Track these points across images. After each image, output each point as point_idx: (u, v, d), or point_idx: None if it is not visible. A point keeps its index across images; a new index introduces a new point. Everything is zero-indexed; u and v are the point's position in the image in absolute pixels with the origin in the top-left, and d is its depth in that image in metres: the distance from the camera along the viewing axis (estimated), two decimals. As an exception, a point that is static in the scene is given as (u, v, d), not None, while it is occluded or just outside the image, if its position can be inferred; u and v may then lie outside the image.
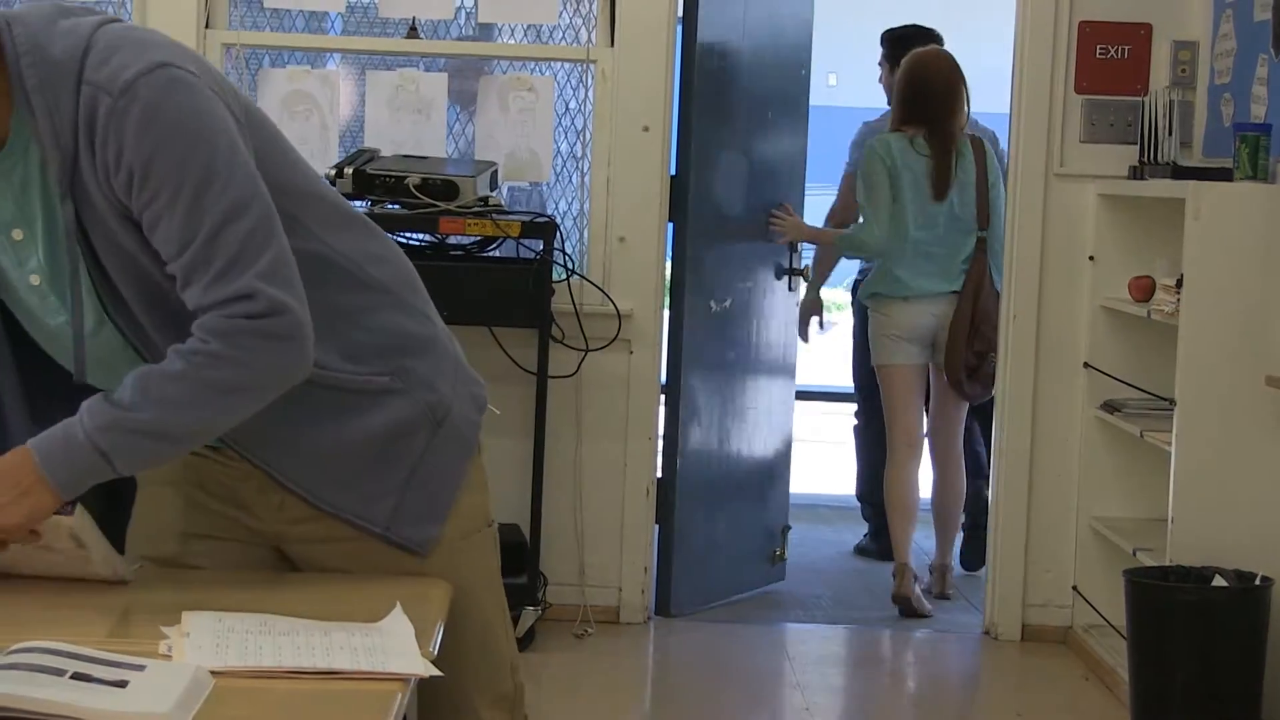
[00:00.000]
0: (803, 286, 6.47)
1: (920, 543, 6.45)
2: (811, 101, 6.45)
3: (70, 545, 2.44)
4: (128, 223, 2.37)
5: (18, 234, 2.45)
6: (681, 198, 5.92)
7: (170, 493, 2.66)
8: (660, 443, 6.04)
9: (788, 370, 6.51)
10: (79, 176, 2.36)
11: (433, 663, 2.25)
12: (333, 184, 5.53)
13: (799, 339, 6.55)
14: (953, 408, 6.35)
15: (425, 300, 2.81)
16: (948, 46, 6.48)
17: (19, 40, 2.35)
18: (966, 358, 6.12)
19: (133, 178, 2.32)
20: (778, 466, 6.48)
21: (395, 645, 2.25)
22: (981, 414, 6.42)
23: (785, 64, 6.28)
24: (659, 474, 6.03)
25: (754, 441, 6.35)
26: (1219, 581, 4.82)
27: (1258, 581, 4.80)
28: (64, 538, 2.42)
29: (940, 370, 6.25)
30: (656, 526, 6.03)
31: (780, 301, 6.38)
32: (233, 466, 2.60)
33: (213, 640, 2.21)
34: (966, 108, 6.22)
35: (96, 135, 2.32)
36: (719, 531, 6.20)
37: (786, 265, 6.37)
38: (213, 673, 2.10)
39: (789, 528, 6.54)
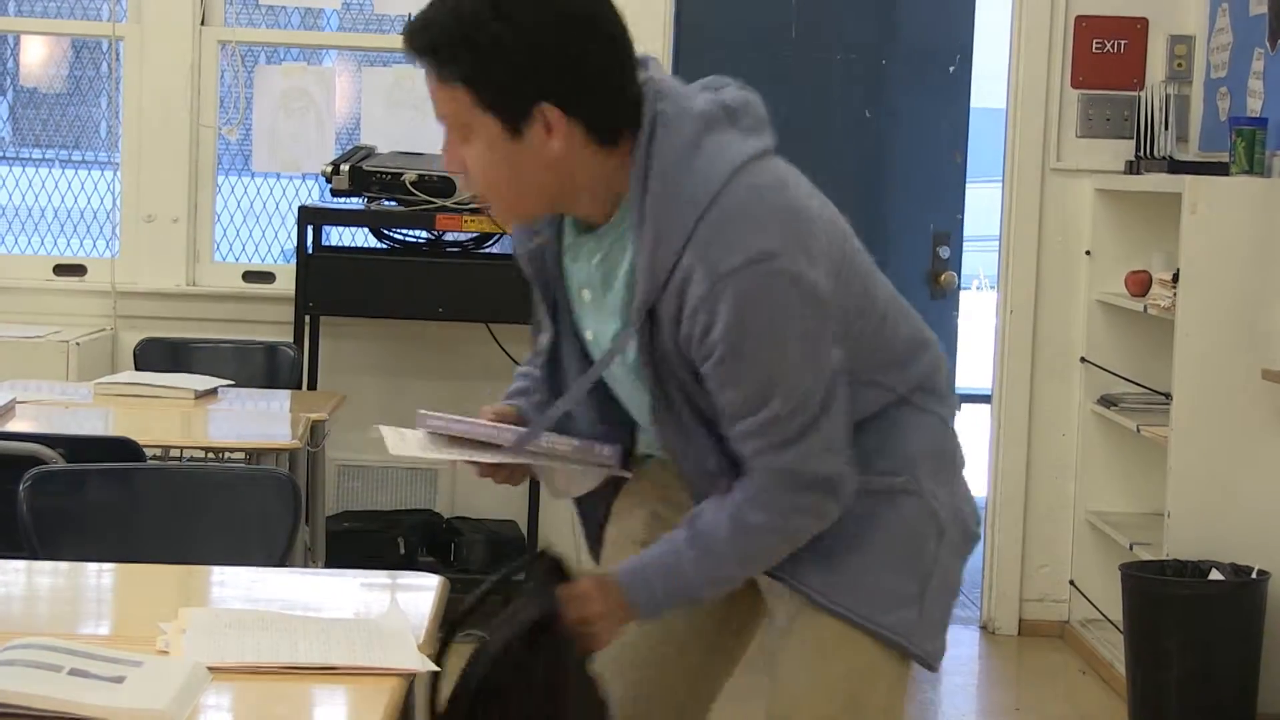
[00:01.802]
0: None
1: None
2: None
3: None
4: (691, 365, 2.38)
5: (586, 295, 2.48)
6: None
7: (641, 511, 2.67)
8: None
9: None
10: (656, 314, 2.35)
11: None
12: (329, 181, 5.55)
13: None
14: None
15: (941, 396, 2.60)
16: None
17: (659, 147, 2.32)
18: None
19: (711, 355, 2.32)
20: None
21: (392, 640, 2.25)
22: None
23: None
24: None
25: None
26: (1215, 575, 4.83)
27: (1254, 575, 4.81)
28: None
29: None
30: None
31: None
32: None
33: (210, 636, 2.21)
34: None
35: (686, 304, 2.30)
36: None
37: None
38: (210, 668, 2.10)
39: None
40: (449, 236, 5.72)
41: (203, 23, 5.94)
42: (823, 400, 2.37)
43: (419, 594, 2.56)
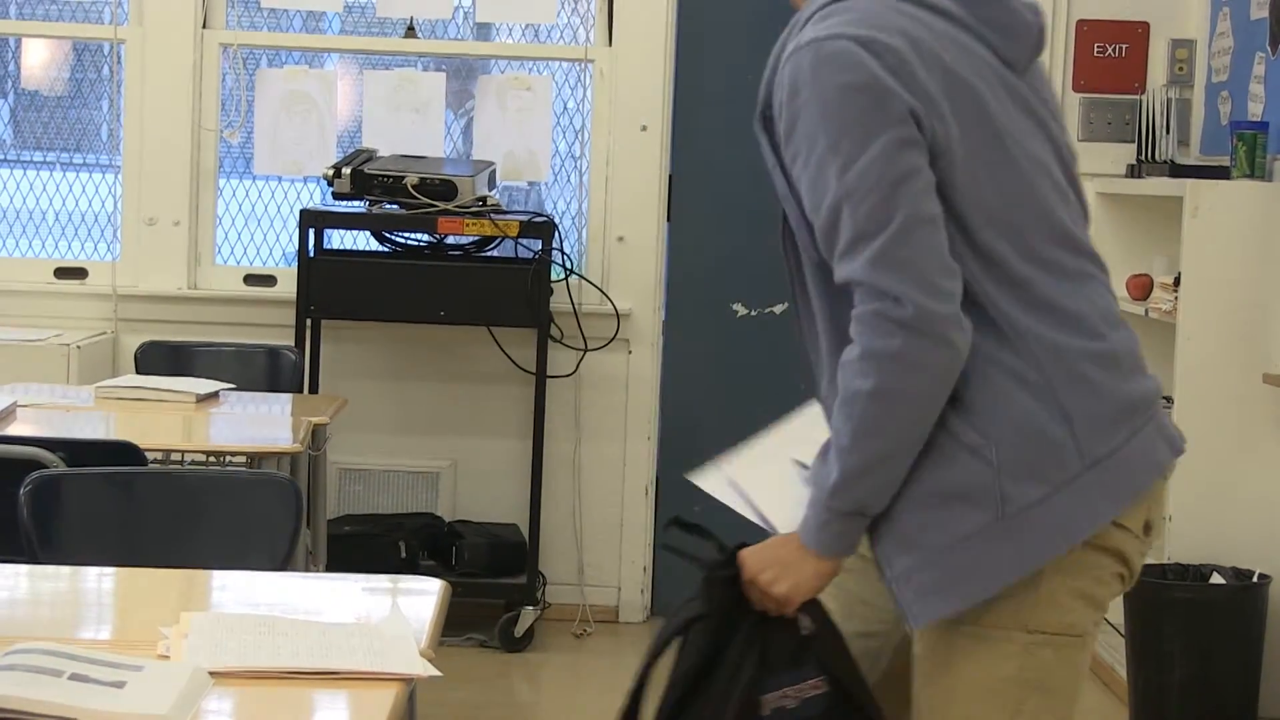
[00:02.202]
0: None
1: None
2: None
3: None
4: (796, 198, 2.42)
5: None
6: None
7: None
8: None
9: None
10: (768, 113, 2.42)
11: None
12: (330, 184, 5.55)
13: None
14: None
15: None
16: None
17: None
18: None
19: (788, 155, 2.39)
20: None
21: (394, 645, 2.25)
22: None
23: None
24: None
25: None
26: (1217, 579, 4.82)
27: (1255, 579, 4.81)
28: None
29: None
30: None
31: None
32: None
33: (211, 641, 2.21)
34: None
35: (776, 76, 2.37)
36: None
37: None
38: (211, 673, 2.10)
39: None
40: (450, 240, 5.72)
41: (204, 25, 5.94)
42: (889, 183, 2.25)
43: (420, 598, 2.56)
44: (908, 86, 2.27)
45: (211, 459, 4.59)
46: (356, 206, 5.63)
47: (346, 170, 5.54)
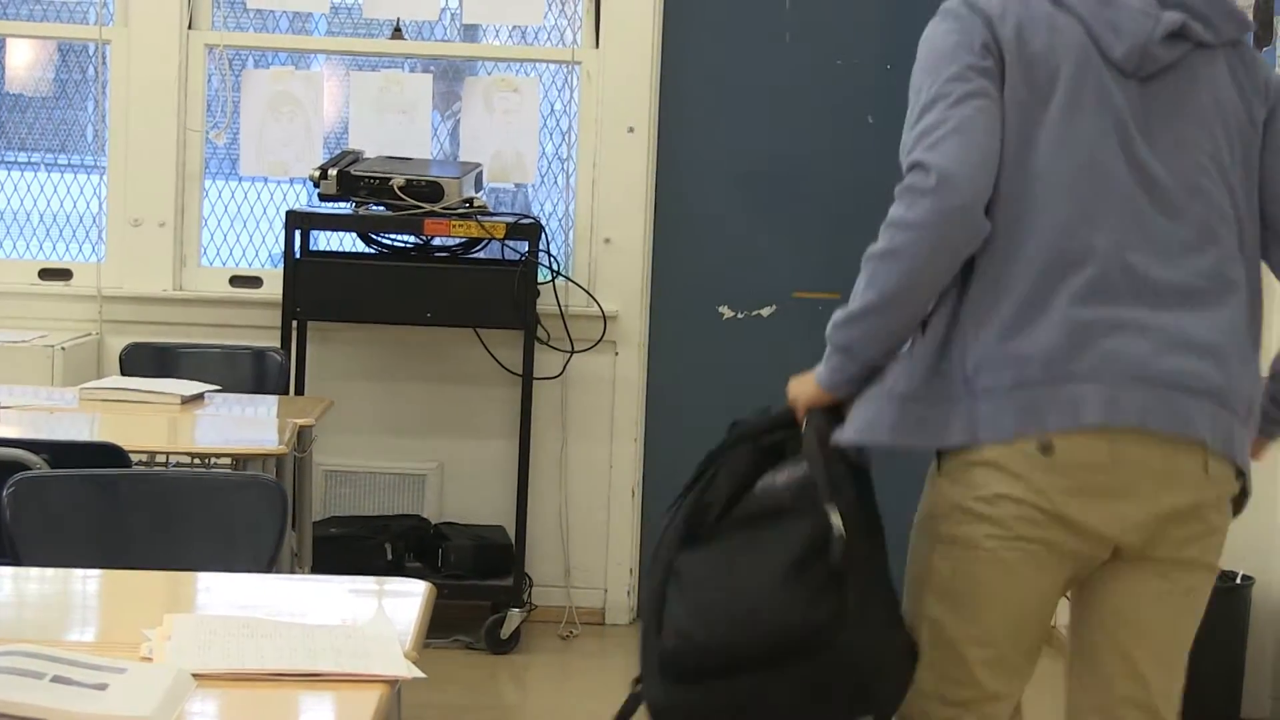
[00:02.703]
0: None
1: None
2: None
3: None
4: None
5: None
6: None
7: None
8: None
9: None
10: None
11: None
12: (316, 185, 5.54)
13: None
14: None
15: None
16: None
17: None
18: None
19: None
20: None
21: (378, 647, 2.25)
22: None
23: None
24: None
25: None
26: (1202, 581, 4.83)
27: (1238, 581, 4.82)
28: None
29: None
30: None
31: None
32: None
33: (195, 642, 2.21)
34: None
35: None
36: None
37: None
38: (194, 675, 2.09)
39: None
40: (437, 241, 5.71)
41: (190, 26, 5.93)
42: (952, 98, 2.67)
43: (405, 600, 2.56)
44: (989, 28, 2.72)
45: (196, 461, 4.58)
46: (343, 208, 5.62)
47: (333, 172, 5.53)
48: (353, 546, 5.63)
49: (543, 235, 5.61)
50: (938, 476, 2.74)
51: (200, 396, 4.70)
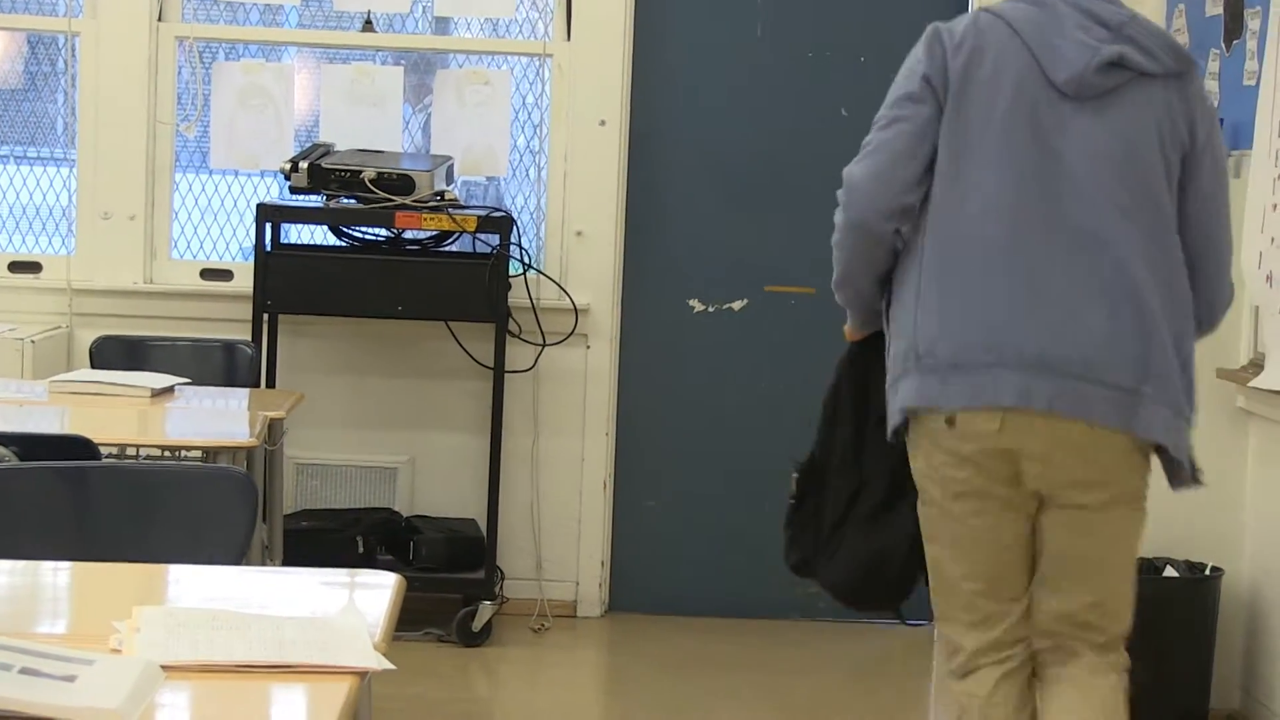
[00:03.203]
0: None
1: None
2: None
3: None
4: None
5: None
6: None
7: None
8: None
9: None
10: None
11: None
12: (287, 178, 5.54)
13: None
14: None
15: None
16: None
17: None
18: None
19: None
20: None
21: (347, 638, 2.25)
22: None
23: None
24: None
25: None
26: (1170, 572, 4.85)
27: (1208, 572, 4.84)
28: None
29: None
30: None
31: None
32: None
33: (163, 635, 2.21)
34: None
35: None
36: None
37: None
38: (164, 667, 2.09)
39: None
40: (408, 234, 5.71)
41: (160, 18, 5.92)
42: (884, 122, 3.22)
43: (375, 592, 2.56)
44: (941, 59, 3.20)
45: (167, 453, 4.58)
46: (314, 201, 5.62)
47: (304, 164, 5.53)
48: (324, 540, 5.63)
49: (514, 228, 5.61)
50: (913, 442, 3.29)
51: (171, 389, 4.69)
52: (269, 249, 5.61)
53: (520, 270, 5.75)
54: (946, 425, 3.16)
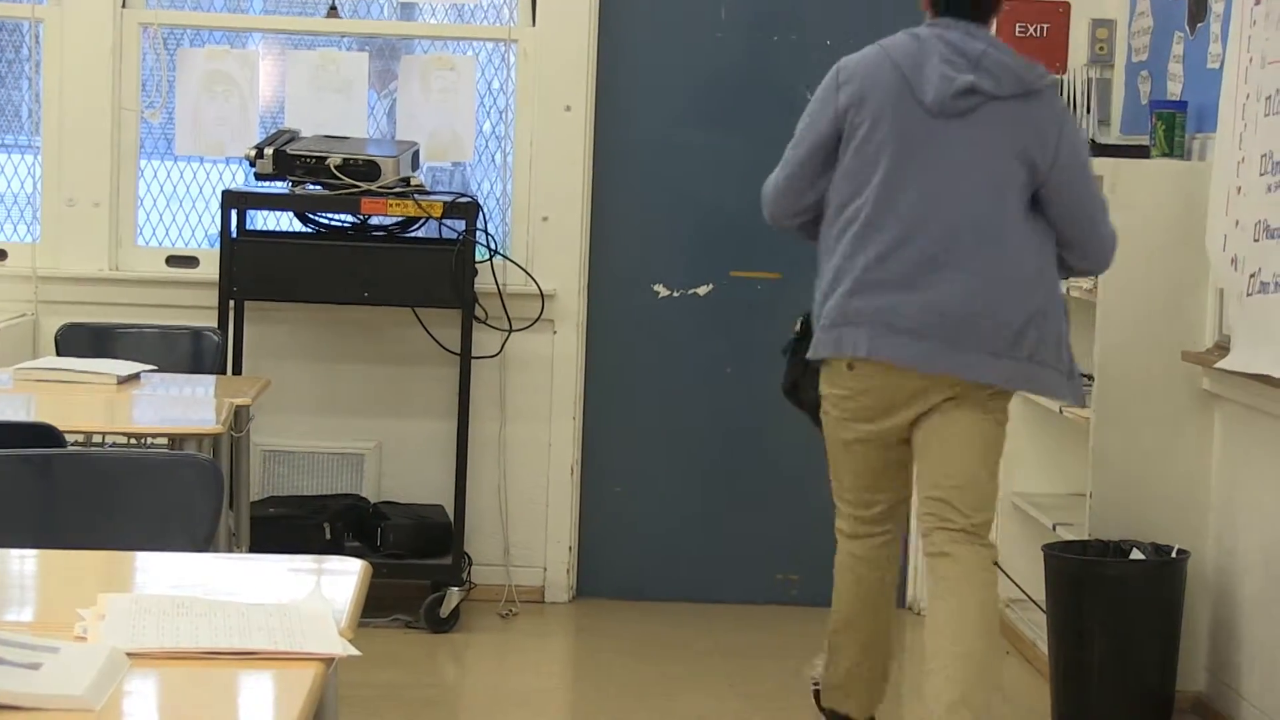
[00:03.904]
0: None
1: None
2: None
3: None
4: None
5: None
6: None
7: None
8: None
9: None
10: None
11: None
12: (252, 164, 5.53)
13: None
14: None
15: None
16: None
17: None
18: None
19: None
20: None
21: (313, 625, 2.25)
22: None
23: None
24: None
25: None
26: (1136, 555, 4.87)
27: (1174, 555, 4.86)
28: None
29: None
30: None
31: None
32: None
33: (128, 622, 2.20)
34: None
35: None
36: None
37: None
38: (129, 654, 2.09)
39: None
40: (374, 220, 5.70)
41: (124, 5, 5.89)
42: (795, 141, 4.23)
43: (341, 578, 2.56)
44: (838, 91, 4.17)
45: (133, 441, 4.56)
46: (279, 187, 5.60)
47: (269, 151, 5.52)
48: (291, 526, 5.62)
49: (480, 214, 5.61)
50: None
51: (136, 376, 4.68)
52: (234, 236, 5.60)
53: (486, 256, 5.75)
54: (847, 368, 4.15)
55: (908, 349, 4.05)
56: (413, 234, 5.71)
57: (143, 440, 4.55)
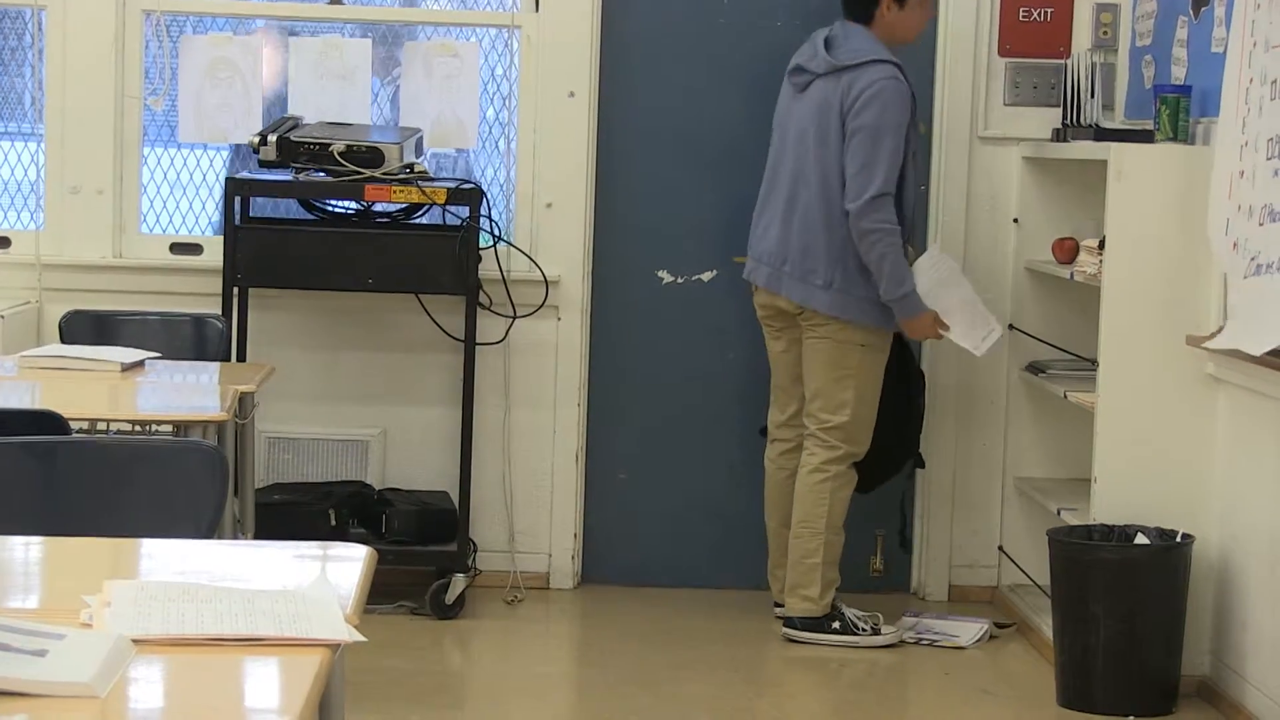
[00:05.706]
0: None
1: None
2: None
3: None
4: None
5: None
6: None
7: None
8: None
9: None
10: None
11: None
12: (255, 151, 5.52)
13: None
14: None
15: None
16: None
17: None
18: None
19: None
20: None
21: (318, 611, 2.25)
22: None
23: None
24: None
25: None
26: (1141, 540, 4.87)
27: (1178, 539, 4.86)
28: None
29: None
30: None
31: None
32: None
33: (134, 608, 2.20)
34: None
35: None
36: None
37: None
38: (134, 640, 2.09)
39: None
40: (378, 207, 5.70)
41: (127, -8, 5.88)
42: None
43: (346, 564, 2.56)
44: None
45: (137, 428, 4.56)
46: (282, 174, 5.60)
47: (272, 138, 5.51)
48: (296, 513, 5.62)
49: (484, 200, 5.60)
50: None
51: (141, 364, 4.68)
52: (238, 223, 5.60)
53: (490, 242, 5.75)
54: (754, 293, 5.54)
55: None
56: (416, 220, 5.71)
57: (147, 427, 4.54)
